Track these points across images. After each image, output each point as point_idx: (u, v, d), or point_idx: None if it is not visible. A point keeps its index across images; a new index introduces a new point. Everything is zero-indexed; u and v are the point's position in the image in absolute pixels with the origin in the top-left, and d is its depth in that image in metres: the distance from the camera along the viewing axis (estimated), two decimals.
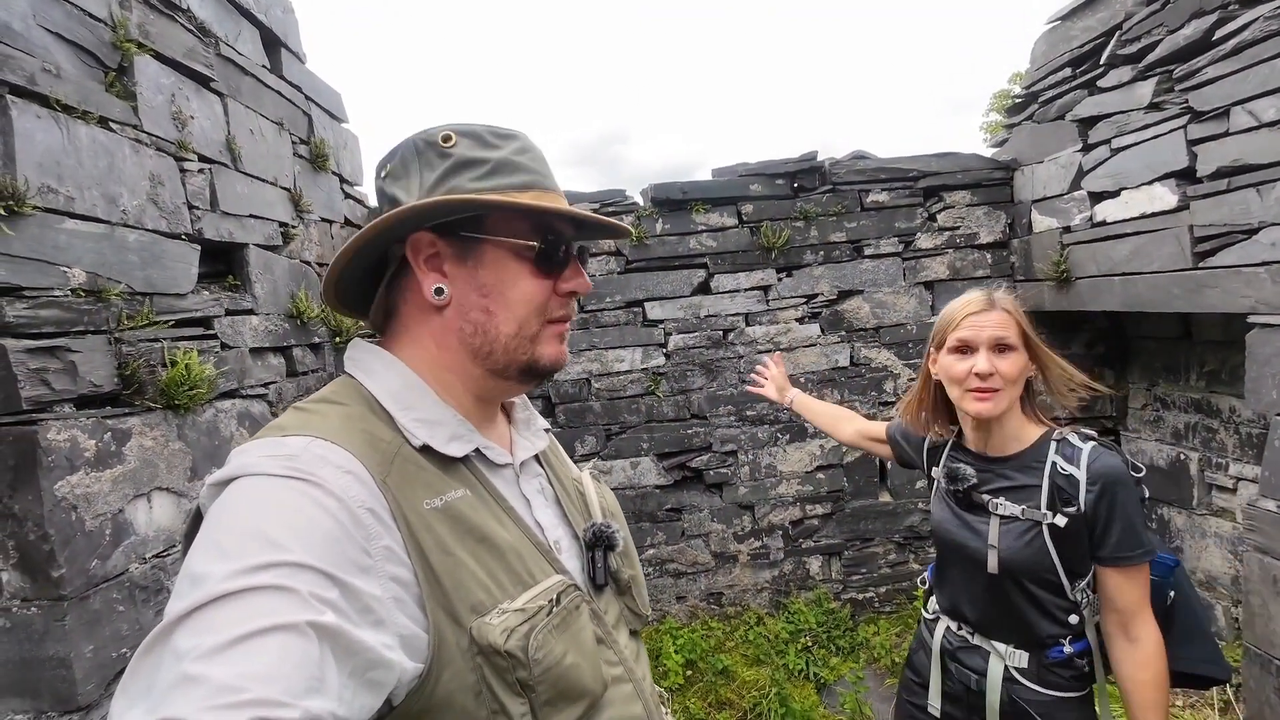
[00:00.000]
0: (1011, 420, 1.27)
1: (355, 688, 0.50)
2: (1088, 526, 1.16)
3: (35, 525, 1.28)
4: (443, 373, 0.71)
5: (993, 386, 1.21)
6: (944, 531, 1.34)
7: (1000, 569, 1.21)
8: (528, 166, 0.71)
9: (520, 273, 0.70)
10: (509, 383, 0.75)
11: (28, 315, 1.29)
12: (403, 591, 0.57)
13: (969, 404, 1.24)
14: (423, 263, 0.69)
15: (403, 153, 0.71)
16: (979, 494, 1.27)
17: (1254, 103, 2.08)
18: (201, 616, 0.45)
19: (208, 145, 1.90)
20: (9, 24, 1.32)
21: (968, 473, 1.28)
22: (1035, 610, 1.22)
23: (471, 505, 0.66)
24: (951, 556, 1.33)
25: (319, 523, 0.52)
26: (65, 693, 1.32)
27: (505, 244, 0.70)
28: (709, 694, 2.78)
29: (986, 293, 1.27)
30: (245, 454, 0.57)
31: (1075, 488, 1.17)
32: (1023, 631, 1.24)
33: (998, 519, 1.24)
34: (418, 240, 0.68)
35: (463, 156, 0.69)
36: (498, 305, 0.70)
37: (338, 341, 2.62)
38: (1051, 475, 1.20)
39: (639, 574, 0.85)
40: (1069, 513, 1.16)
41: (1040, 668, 1.23)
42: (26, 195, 1.28)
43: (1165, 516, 3.02)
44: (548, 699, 0.61)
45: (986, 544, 1.23)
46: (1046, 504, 1.19)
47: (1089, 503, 1.15)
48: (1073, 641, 1.22)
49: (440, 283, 0.69)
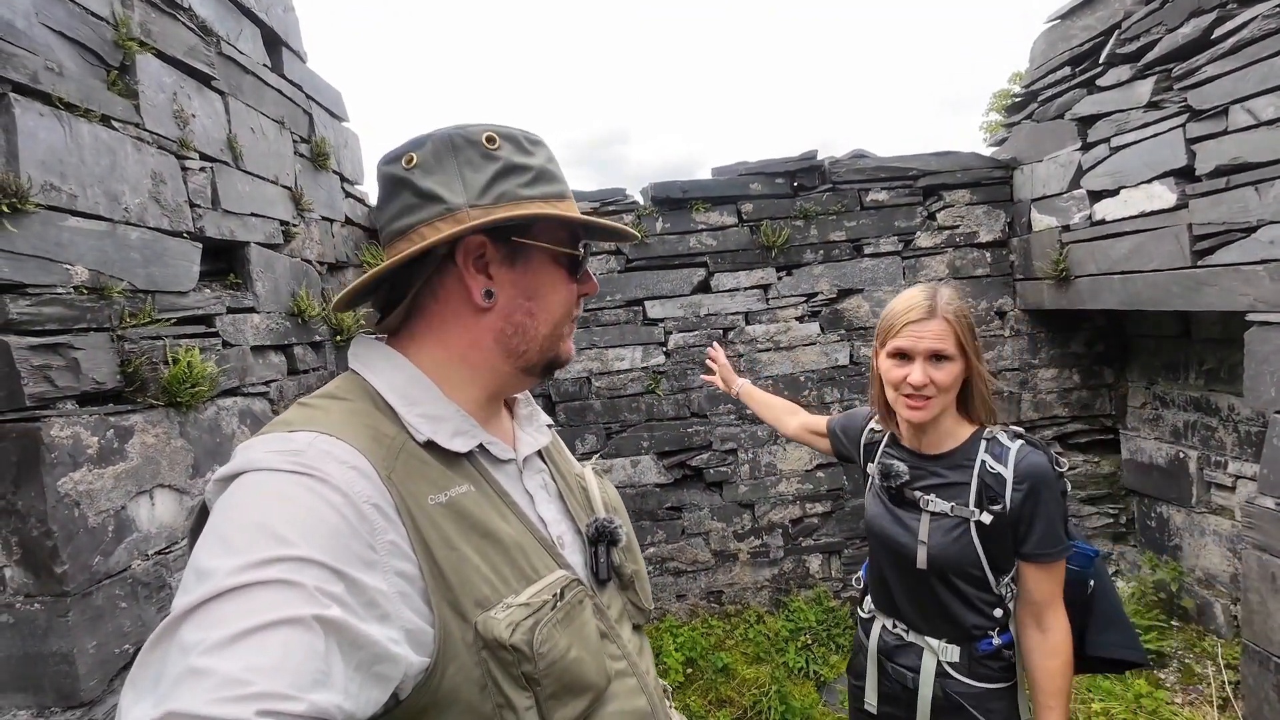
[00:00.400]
0: (945, 420, 1.29)
1: (361, 681, 0.50)
2: (1012, 524, 1.20)
3: (38, 521, 1.28)
4: (466, 370, 0.72)
5: (926, 395, 1.23)
6: (877, 527, 1.35)
7: (929, 565, 1.24)
8: (559, 176, 0.74)
9: (559, 278, 0.74)
10: (530, 378, 0.77)
11: (31, 312, 1.30)
12: (408, 586, 0.57)
13: (901, 409, 1.27)
14: (471, 265, 0.69)
15: (435, 146, 0.69)
16: (911, 490, 1.29)
17: (1252, 101, 2.09)
18: (208, 611, 0.45)
19: (209, 144, 1.91)
20: (12, 22, 1.32)
21: (900, 469, 1.30)
22: (963, 604, 1.25)
23: (475, 500, 0.66)
24: (884, 552, 1.35)
25: (324, 518, 0.53)
26: (68, 688, 1.32)
27: (550, 251, 0.73)
28: (709, 692, 2.79)
29: (930, 296, 1.25)
30: (251, 449, 0.57)
31: (1002, 486, 1.20)
32: (953, 626, 1.26)
33: (928, 515, 1.26)
34: (469, 244, 0.68)
35: (509, 161, 0.70)
36: (540, 308, 0.73)
37: (338, 340, 2.63)
38: (980, 473, 1.23)
39: (642, 569, 0.86)
40: (995, 510, 1.20)
41: (971, 661, 1.26)
42: (29, 193, 1.29)
43: (1164, 514, 3.03)
44: (552, 692, 0.62)
45: (916, 540, 1.26)
46: (975, 501, 1.22)
47: (1015, 501, 1.19)
48: (1000, 634, 1.26)
49: (489, 286, 0.70)
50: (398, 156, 0.70)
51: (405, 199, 0.69)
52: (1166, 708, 2.45)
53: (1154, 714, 2.42)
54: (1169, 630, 2.84)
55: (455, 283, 0.70)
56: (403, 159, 0.70)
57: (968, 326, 1.24)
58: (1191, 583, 2.88)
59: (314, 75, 2.70)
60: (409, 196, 0.69)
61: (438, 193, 0.67)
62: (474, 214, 0.67)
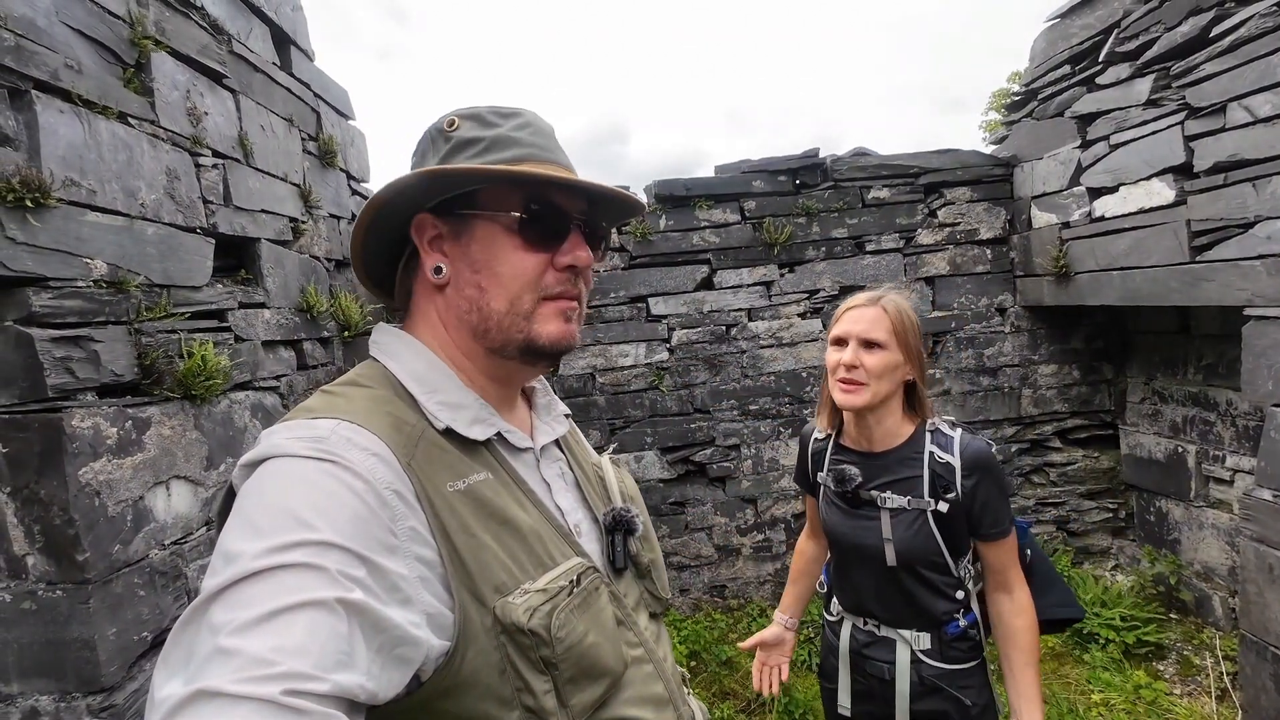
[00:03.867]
0: (889, 418, 1.32)
1: (383, 663, 0.51)
2: (965, 510, 1.25)
3: (61, 510, 1.31)
4: (454, 353, 0.73)
5: (856, 379, 1.27)
6: (839, 534, 1.37)
7: (898, 561, 1.28)
8: (525, 141, 0.71)
9: (509, 246, 0.69)
10: (512, 362, 0.73)
11: (53, 305, 1.32)
12: (428, 571, 0.58)
13: (836, 393, 1.31)
14: (427, 243, 0.71)
15: (421, 142, 0.74)
16: (866, 490, 1.32)
17: (1250, 99, 2.11)
18: (235, 592, 0.47)
19: (221, 141, 1.93)
20: (34, 21, 1.35)
21: (853, 473, 1.33)
22: (930, 593, 1.29)
23: (493, 488, 0.67)
24: (849, 556, 1.37)
25: (346, 503, 0.54)
26: (89, 674, 1.35)
27: (494, 218, 0.69)
28: (713, 684, 2.81)
29: (877, 292, 1.33)
30: (275, 435, 0.59)
31: (952, 474, 1.25)
32: (922, 614, 1.30)
33: (887, 512, 1.29)
34: (420, 221, 0.70)
35: (462, 138, 0.70)
36: (489, 281, 0.69)
37: (346, 335, 2.65)
38: (930, 464, 1.27)
39: (659, 558, 0.86)
40: (949, 499, 1.25)
41: (942, 645, 1.30)
42: (51, 188, 1.31)
43: (1163, 509, 3.06)
44: (570, 677, 0.63)
45: (882, 538, 1.29)
46: (929, 491, 1.26)
47: (966, 488, 1.24)
48: (964, 614, 1.31)
49: (440, 262, 0.70)
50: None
51: None
52: (1165, 698, 2.47)
53: (1153, 704, 2.44)
54: (1168, 623, 2.87)
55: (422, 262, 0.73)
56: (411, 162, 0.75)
57: (908, 325, 1.29)
58: (1190, 576, 2.91)
59: (322, 74, 2.72)
60: None
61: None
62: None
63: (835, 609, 1.46)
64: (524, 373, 0.78)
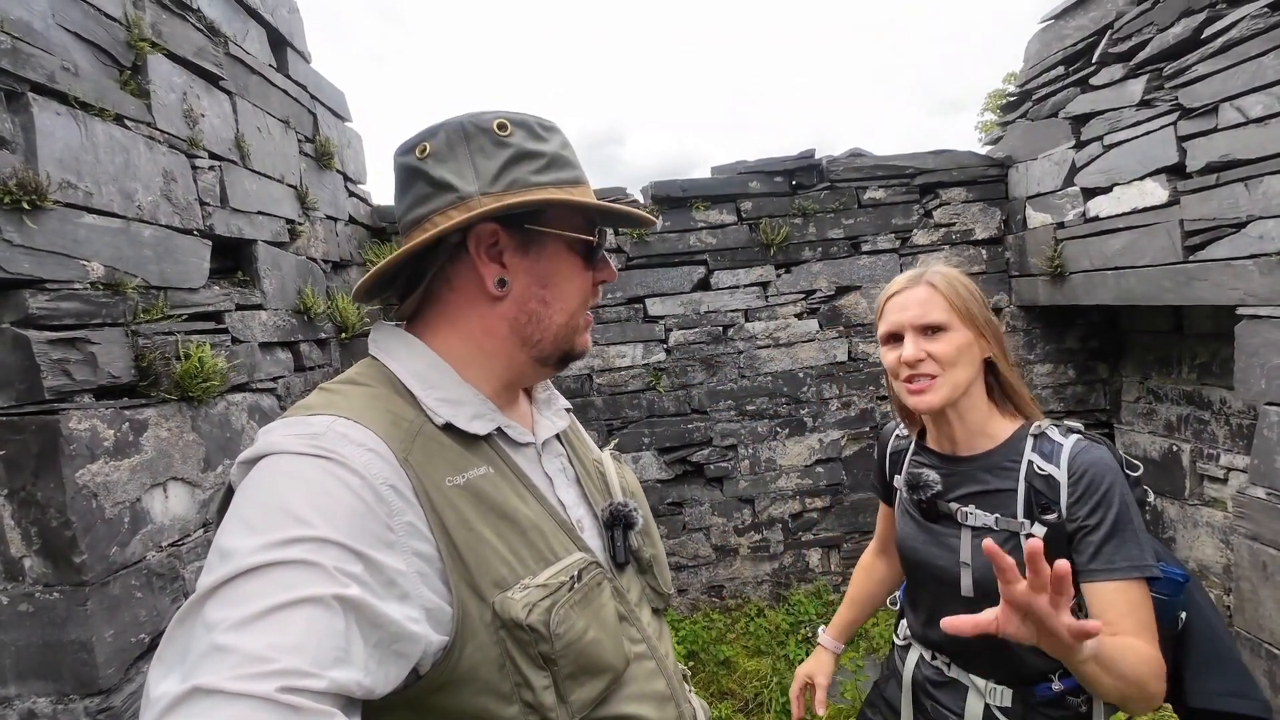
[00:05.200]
0: (974, 413, 1.09)
1: (380, 659, 0.52)
2: (1069, 535, 0.98)
3: (58, 512, 1.31)
4: (480, 357, 0.72)
5: (925, 373, 1.04)
6: (910, 549, 1.16)
7: (975, 591, 1.03)
8: (574, 162, 0.73)
9: (574, 265, 0.73)
10: (547, 369, 0.76)
11: (49, 307, 1.32)
12: (426, 566, 0.58)
13: (906, 398, 1.08)
14: (483, 253, 0.69)
15: (447, 134, 0.69)
16: (945, 502, 1.09)
17: (1242, 99, 2.13)
18: (231, 589, 0.47)
19: (218, 143, 1.93)
20: (30, 23, 1.35)
21: (931, 478, 1.10)
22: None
23: (494, 483, 0.67)
24: (921, 576, 1.15)
25: (343, 499, 0.54)
26: (87, 676, 1.34)
27: (565, 238, 0.71)
28: (711, 684, 2.82)
29: (918, 269, 1.11)
30: (272, 432, 0.59)
31: (1055, 490, 0.99)
32: (1005, 664, 1.04)
33: (969, 530, 1.05)
34: (480, 231, 0.68)
35: (521, 147, 0.69)
36: (554, 296, 0.72)
37: (343, 337, 2.65)
38: (1028, 476, 1.02)
39: (660, 553, 0.86)
40: (1049, 520, 0.98)
41: (1026, 708, 1.04)
42: (48, 190, 1.31)
43: (1158, 508, 3.07)
44: (570, 673, 0.63)
45: (959, 561, 1.05)
46: (1024, 511, 1.01)
47: (1071, 507, 0.97)
48: (1062, 678, 1.02)
49: (502, 274, 0.69)
50: (412, 147, 0.71)
51: (419, 189, 0.69)
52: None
53: None
54: None
55: (469, 271, 0.70)
56: (416, 149, 0.70)
57: (968, 294, 1.06)
58: None
59: (318, 76, 2.72)
60: (423, 186, 0.69)
61: (450, 181, 0.67)
62: (485, 201, 0.67)
63: (904, 633, 1.26)
64: (546, 375, 0.80)
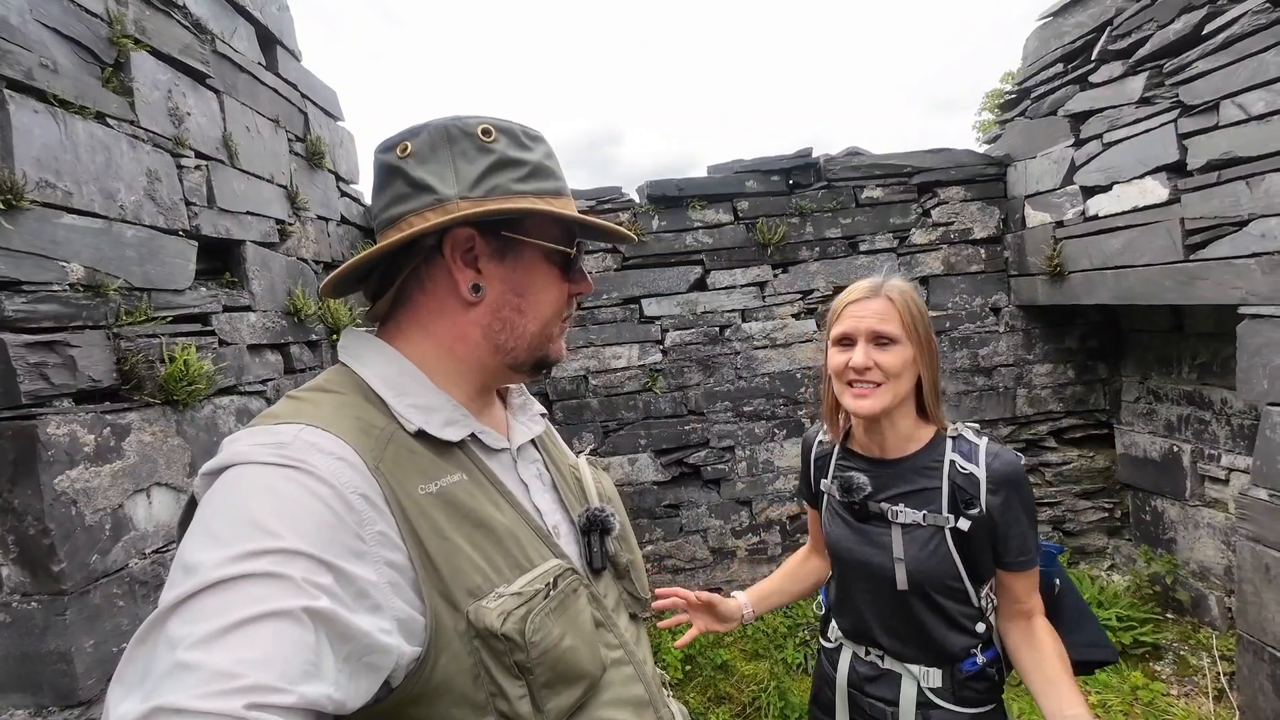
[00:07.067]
0: (904, 420, 1.18)
1: (351, 671, 0.50)
2: (989, 530, 1.10)
3: (35, 520, 1.28)
4: (452, 363, 0.71)
5: (871, 380, 1.12)
6: (843, 550, 1.22)
7: (909, 584, 1.12)
8: (556, 172, 0.73)
9: (551, 275, 0.73)
10: (519, 375, 0.76)
11: (26, 309, 1.29)
12: (398, 576, 0.57)
13: (848, 400, 1.15)
14: (458, 257, 0.68)
15: (430, 135, 0.68)
16: (875, 502, 1.17)
17: (1243, 96, 2.10)
18: (195, 604, 0.45)
19: (205, 142, 1.90)
20: (6, 18, 1.31)
21: (861, 480, 1.18)
22: (945, 623, 1.13)
23: (468, 490, 0.66)
24: (853, 575, 1.21)
25: (311, 509, 0.52)
26: (66, 687, 1.31)
27: (543, 248, 0.71)
28: (708, 688, 2.79)
29: (876, 281, 1.17)
30: (237, 442, 0.57)
31: (976, 487, 1.10)
32: (934, 648, 1.14)
33: (899, 528, 1.14)
34: (456, 235, 0.67)
35: (504, 155, 0.68)
36: (530, 305, 0.71)
37: (334, 339, 2.62)
38: (951, 475, 1.12)
39: (638, 558, 0.85)
40: (971, 515, 1.09)
41: (955, 684, 1.14)
42: (25, 190, 1.28)
43: (1159, 508, 3.05)
44: (546, 681, 0.62)
45: (892, 558, 1.13)
46: (948, 507, 1.11)
47: (991, 505, 1.09)
48: (983, 650, 1.15)
49: (476, 280, 0.69)
50: (393, 145, 0.70)
51: (397, 188, 0.68)
52: (1162, 699, 2.46)
53: (1150, 705, 2.43)
54: (1164, 623, 2.86)
55: (443, 275, 0.69)
56: (397, 147, 0.69)
57: (918, 312, 1.14)
58: (1186, 576, 2.90)
59: (309, 74, 2.69)
60: (401, 185, 0.68)
61: (429, 182, 0.67)
62: (464, 205, 0.66)
63: (834, 635, 1.30)
64: (518, 381, 0.80)
